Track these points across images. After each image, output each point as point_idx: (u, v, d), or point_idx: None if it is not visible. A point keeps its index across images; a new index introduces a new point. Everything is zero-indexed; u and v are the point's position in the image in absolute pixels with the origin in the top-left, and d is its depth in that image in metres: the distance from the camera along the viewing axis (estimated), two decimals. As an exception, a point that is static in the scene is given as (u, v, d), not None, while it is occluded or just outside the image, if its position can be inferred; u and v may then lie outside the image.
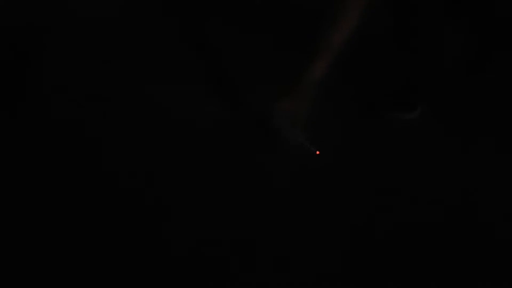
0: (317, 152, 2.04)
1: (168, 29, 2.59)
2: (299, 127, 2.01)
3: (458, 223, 1.99)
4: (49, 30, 2.58)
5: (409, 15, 2.09)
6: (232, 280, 1.83)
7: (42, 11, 2.65)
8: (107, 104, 2.32)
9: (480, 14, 2.17)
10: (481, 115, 2.31)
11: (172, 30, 2.59)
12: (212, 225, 1.96)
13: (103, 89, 2.37)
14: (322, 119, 2.17)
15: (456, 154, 2.20)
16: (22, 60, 2.48)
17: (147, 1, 2.71)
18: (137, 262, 1.86)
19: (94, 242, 1.91)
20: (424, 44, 2.17)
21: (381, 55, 2.33)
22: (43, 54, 2.50)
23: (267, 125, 2.04)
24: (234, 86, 2.38)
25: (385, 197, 2.06)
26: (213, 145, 2.19)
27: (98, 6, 2.66)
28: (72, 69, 2.45)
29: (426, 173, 2.13)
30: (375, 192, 2.07)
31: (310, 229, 1.97)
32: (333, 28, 1.86)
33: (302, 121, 2.00)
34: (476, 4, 2.15)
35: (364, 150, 2.19)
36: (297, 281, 1.84)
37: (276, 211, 2.01)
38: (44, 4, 2.68)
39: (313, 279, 1.84)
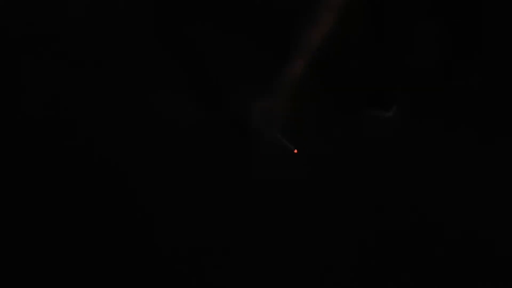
0: (295, 151, 2.06)
1: (149, 29, 2.58)
2: (277, 126, 2.03)
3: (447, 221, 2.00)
4: (42, 32, 2.58)
5: (387, 14, 2.10)
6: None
7: (36, 14, 2.66)
8: (91, 103, 2.32)
9: (458, 15, 2.20)
10: (456, 113, 2.30)
11: (154, 31, 2.58)
12: (193, 226, 1.96)
13: (85, 87, 2.37)
14: (300, 118, 2.18)
15: (431, 149, 2.18)
16: (14, 61, 2.49)
17: (128, 2, 2.70)
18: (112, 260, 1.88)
19: (76, 242, 1.92)
20: (401, 43, 2.19)
21: (359, 54, 2.33)
22: (35, 56, 2.51)
23: (246, 124, 2.05)
24: (213, 86, 2.37)
25: (365, 192, 2.06)
26: (192, 144, 2.18)
27: (81, 8, 2.67)
28: (59, 71, 2.45)
29: (403, 170, 2.12)
30: (355, 187, 2.06)
31: (292, 227, 1.96)
32: (310, 28, 1.87)
33: (280, 120, 2.02)
34: (455, 7, 2.18)
35: (341, 147, 2.18)
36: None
37: (255, 210, 2.00)
38: (38, 8, 2.69)
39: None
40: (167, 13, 2.63)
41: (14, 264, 1.87)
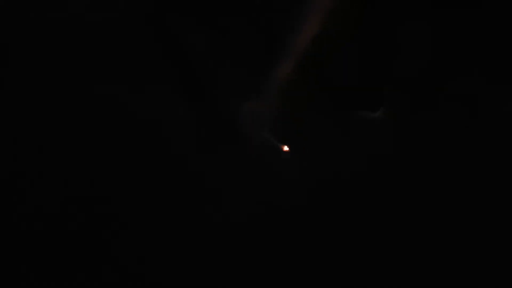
0: (285, 148, 2.05)
1: (135, 27, 2.56)
2: (266, 127, 2.02)
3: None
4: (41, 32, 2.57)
5: (379, 15, 2.09)
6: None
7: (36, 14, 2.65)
8: (71, 103, 2.30)
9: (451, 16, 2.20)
10: (445, 114, 2.29)
11: (140, 29, 2.56)
12: (177, 231, 1.97)
13: (68, 88, 2.35)
14: (288, 118, 2.16)
15: (419, 152, 2.18)
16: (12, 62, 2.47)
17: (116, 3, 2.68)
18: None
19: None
20: (392, 44, 2.18)
21: (347, 55, 2.32)
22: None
23: (234, 125, 2.04)
24: (201, 86, 2.37)
25: (352, 193, 2.07)
26: (179, 145, 2.17)
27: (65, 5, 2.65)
28: (41, 68, 2.42)
29: (393, 172, 2.12)
30: (345, 189, 2.07)
31: (289, 232, 1.98)
32: (299, 29, 1.87)
33: (270, 122, 2.01)
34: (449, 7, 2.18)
35: (330, 148, 2.18)
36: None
37: (244, 214, 2.00)
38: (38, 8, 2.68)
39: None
40: (163, 12, 2.62)
41: None
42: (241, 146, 2.08)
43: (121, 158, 2.15)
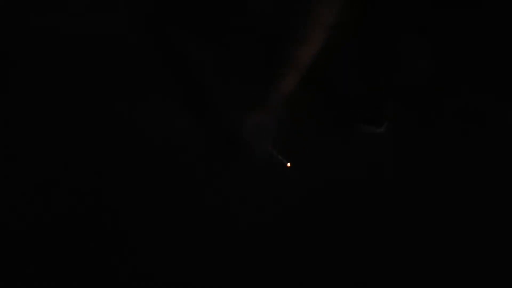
0: (288, 165, 2.05)
1: (140, 44, 2.55)
2: (269, 141, 2.03)
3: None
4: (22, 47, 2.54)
5: (379, 31, 2.10)
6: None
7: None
8: (77, 119, 2.28)
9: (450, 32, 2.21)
10: (446, 130, 2.31)
11: (144, 45, 2.55)
12: (180, 246, 1.95)
13: (75, 104, 2.32)
14: (292, 132, 2.19)
15: (421, 165, 2.20)
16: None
17: (117, 15, 2.68)
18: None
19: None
20: (392, 60, 2.19)
21: (350, 69, 2.33)
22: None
23: (238, 139, 2.04)
24: (204, 101, 2.36)
25: (353, 204, 2.07)
26: (184, 159, 2.16)
27: (73, 22, 2.63)
28: (44, 85, 2.39)
29: (394, 184, 2.13)
30: (346, 202, 2.07)
31: (289, 245, 1.96)
32: (302, 43, 1.87)
33: (272, 135, 2.01)
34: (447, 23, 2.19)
35: (333, 162, 2.18)
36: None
37: (246, 229, 1.99)
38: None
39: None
40: (163, 26, 2.62)
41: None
42: (245, 156, 2.08)
43: (120, 164, 2.14)
